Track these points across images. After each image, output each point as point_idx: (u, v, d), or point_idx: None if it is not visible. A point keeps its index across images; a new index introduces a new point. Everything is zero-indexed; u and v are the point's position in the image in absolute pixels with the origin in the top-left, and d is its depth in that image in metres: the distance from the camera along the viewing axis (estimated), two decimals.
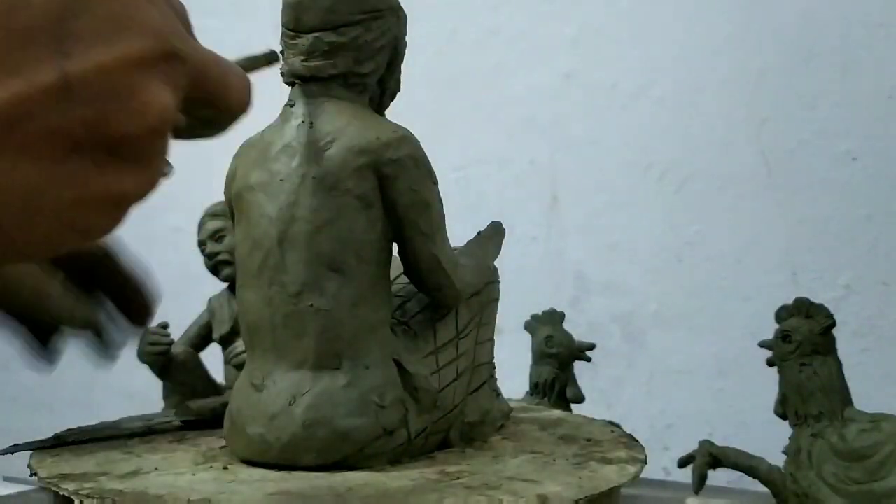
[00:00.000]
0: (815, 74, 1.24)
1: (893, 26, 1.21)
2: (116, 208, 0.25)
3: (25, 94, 0.22)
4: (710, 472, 0.81)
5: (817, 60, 1.24)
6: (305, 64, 0.72)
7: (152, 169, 0.25)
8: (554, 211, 1.41)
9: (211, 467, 0.69)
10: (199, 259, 1.09)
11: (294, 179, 0.69)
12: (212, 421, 0.80)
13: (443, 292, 0.73)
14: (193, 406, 0.84)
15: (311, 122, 0.71)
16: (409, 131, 0.72)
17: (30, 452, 0.74)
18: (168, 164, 0.27)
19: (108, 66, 0.23)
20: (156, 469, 0.69)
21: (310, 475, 0.66)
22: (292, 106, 0.72)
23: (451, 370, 0.74)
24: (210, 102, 0.28)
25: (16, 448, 0.76)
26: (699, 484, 0.80)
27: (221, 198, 1.01)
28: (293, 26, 0.72)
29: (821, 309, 0.80)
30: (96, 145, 0.24)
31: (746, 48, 1.29)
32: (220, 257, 1.04)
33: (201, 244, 1.08)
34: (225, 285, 1.06)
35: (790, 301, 0.81)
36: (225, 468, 0.69)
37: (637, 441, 0.75)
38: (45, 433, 0.78)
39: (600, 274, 1.36)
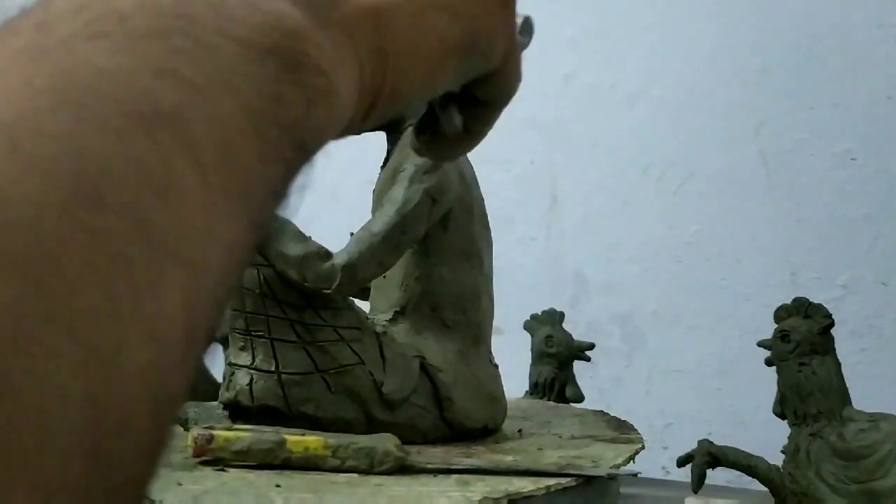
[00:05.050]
0: (815, 75, 1.24)
1: (893, 27, 1.21)
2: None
3: None
4: (709, 472, 0.81)
5: (816, 61, 1.25)
6: None
7: None
8: (553, 211, 1.41)
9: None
10: None
11: None
12: None
13: None
14: None
15: None
16: None
17: None
18: None
19: None
20: None
21: None
22: None
23: None
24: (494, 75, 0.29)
25: None
26: (698, 483, 0.80)
27: None
28: None
29: (819, 308, 0.79)
30: None
31: (746, 48, 1.29)
32: None
33: None
34: None
35: (789, 301, 0.81)
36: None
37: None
38: None
39: (599, 274, 1.36)
